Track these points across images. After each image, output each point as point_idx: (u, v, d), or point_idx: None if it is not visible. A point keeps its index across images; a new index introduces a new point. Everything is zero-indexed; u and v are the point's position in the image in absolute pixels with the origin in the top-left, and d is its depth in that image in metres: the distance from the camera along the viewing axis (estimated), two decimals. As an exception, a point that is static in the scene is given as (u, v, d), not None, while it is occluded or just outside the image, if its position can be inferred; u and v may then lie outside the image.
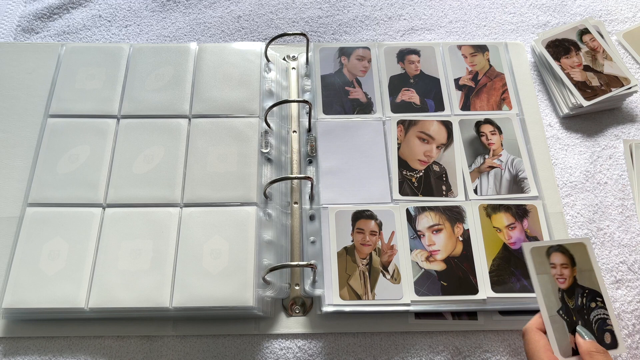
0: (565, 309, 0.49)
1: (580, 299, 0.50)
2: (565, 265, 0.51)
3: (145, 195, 0.61)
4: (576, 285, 0.50)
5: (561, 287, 0.50)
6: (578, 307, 0.49)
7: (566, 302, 0.50)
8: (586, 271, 0.51)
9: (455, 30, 0.80)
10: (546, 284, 0.50)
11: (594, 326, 0.49)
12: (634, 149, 0.69)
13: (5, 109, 0.68)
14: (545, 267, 0.50)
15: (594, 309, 0.49)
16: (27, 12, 0.80)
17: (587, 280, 0.50)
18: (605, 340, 0.49)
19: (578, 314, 0.49)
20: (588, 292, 0.50)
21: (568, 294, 0.50)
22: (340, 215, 0.62)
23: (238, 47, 0.71)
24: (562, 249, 0.51)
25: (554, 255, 0.51)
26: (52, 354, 0.57)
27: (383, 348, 0.57)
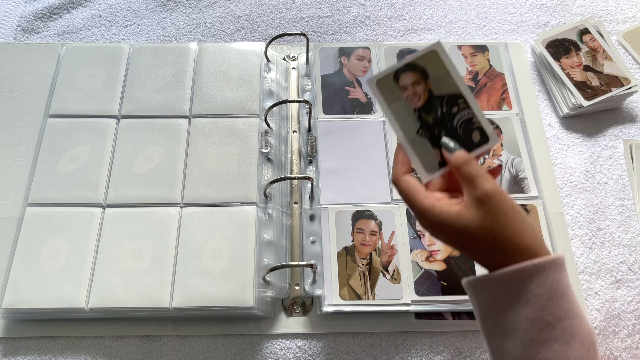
0: (425, 126, 0.46)
1: (439, 110, 0.46)
2: (417, 82, 0.46)
3: (145, 195, 0.61)
4: (432, 98, 0.46)
5: (416, 106, 0.46)
6: (438, 118, 0.46)
7: (424, 119, 0.46)
8: (442, 78, 0.46)
9: (455, 30, 0.80)
10: (400, 110, 0.46)
11: (460, 130, 0.45)
12: (634, 149, 0.69)
13: (5, 109, 0.68)
14: (396, 94, 0.46)
15: (457, 113, 0.45)
16: (27, 12, 0.80)
17: (445, 87, 0.46)
18: (474, 139, 0.45)
19: (440, 125, 0.45)
20: (447, 98, 0.46)
21: (425, 110, 0.46)
22: (340, 215, 0.62)
23: (238, 47, 0.71)
24: (410, 66, 0.46)
25: (402, 77, 0.46)
26: (52, 354, 0.57)
27: (383, 348, 0.57)
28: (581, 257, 0.62)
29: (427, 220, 0.42)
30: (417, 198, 0.42)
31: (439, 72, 0.46)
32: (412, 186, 0.43)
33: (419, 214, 0.42)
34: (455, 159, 0.42)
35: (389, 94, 0.46)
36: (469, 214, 0.40)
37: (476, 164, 0.41)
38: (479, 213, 0.40)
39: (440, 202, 0.42)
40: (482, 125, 0.45)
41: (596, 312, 0.59)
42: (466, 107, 0.45)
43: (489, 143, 0.44)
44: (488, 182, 0.40)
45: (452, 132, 0.45)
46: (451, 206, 0.41)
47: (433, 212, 0.41)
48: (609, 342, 0.58)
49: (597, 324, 0.59)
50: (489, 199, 0.39)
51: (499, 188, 0.40)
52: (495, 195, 0.39)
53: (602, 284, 0.61)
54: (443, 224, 0.41)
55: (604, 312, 0.59)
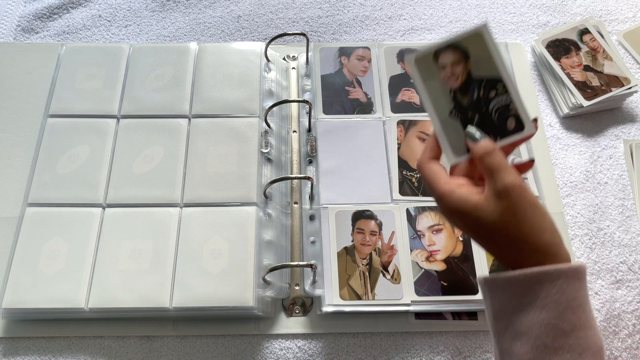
0: (459, 108, 0.44)
1: (476, 92, 0.44)
2: (457, 62, 0.45)
3: (145, 195, 0.61)
4: (471, 80, 0.44)
5: (453, 86, 0.44)
6: (474, 101, 0.44)
7: (459, 101, 0.44)
8: (484, 60, 0.44)
9: (455, 30, 0.80)
10: (435, 89, 0.45)
11: (494, 115, 0.44)
12: (634, 149, 0.69)
13: (5, 109, 0.68)
14: (433, 72, 0.45)
15: (495, 98, 0.44)
16: (27, 12, 0.80)
17: (486, 69, 0.44)
18: (509, 126, 0.43)
19: (475, 108, 0.44)
20: (486, 82, 0.44)
21: (462, 92, 0.44)
22: (340, 215, 0.62)
23: (238, 47, 0.71)
24: (453, 45, 0.44)
25: (443, 56, 0.45)
26: (52, 354, 0.57)
27: (383, 348, 0.57)
28: (581, 257, 0.62)
29: (444, 204, 0.41)
30: (438, 182, 0.42)
31: (481, 55, 0.44)
32: (435, 171, 0.42)
33: (437, 198, 0.42)
34: (478, 148, 0.41)
35: (426, 72, 0.45)
36: (487, 206, 0.39)
37: (500, 156, 0.40)
38: (497, 207, 0.39)
39: (460, 189, 0.41)
40: (519, 113, 0.43)
41: (596, 312, 0.59)
42: (504, 93, 0.44)
43: (524, 132, 0.43)
44: (509, 175, 0.39)
45: (486, 117, 0.44)
46: (471, 194, 0.40)
47: (451, 198, 0.40)
48: (609, 342, 0.58)
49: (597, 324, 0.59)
50: (509, 194, 0.38)
51: (521, 183, 0.39)
52: (515, 190, 0.38)
53: (602, 284, 0.61)
54: (460, 211, 0.40)
55: (604, 312, 0.59)
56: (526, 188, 0.39)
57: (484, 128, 0.44)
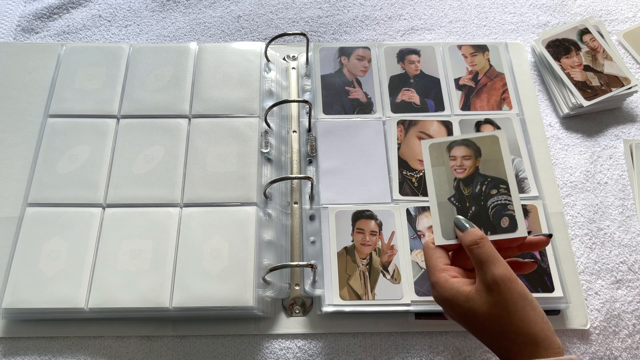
0: (459, 196, 0.47)
1: (479, 187, 0.47)
2: (468, 157, 0.48)
3: (145, 195, 0.61)
4: (477, 174, 0.47)
5: (458, 176, 0.47)
6: (475, 194, 0.47)
7: (461, 189, 0.47)
8: (493, 161, 0.47)
9: (455, 30, 0.80)
10: (441, 174, 0.47)
11: (491, 212, 0.46)
12: (634, 149, 0.69)
13: (5, 109, 0.68)
14: (442, 160, 0.48)
15: (494, 195, 0.46)
16: (27, 12, 0.80)
17: (493, 170, 0.47)
18: (502, 224, 0.45)
19: (473, 200, 0.46)
20: (490, 179, 0.47)
21: (465, 183, 0.47)
22: (340, 215, 0.62)
23: (238, 47, 0.71)
24: (468, 142, 0.48)
25: (456, 149, 0.48)
26: (52, 354, 0.57)
27: (383, 348, 0.57)
28: (581, 257, 0.62)
29: (438, 292, 0.42)
30: (435, 269, 0.43)
31: (493, 155, 0.48)
32: (436, 256, 0.44)
33: (432, 285, 0.43)
34: (467, 237, 0.42)
35: (436, 158, 0.48)
36: (478, 298, 0.40)
37: (489, 246, 0.41)
38: (488, 300, 0.39)
39: (453, 279, 0.42)
40: (514, 214, 0.46)
41: (596, 312, 0.59)
42: (505, 194, 0.46)
43: (515, 233, 0.45)
44: (499, 268, 0.40)
45: (482, 210, 0.46)
46: (463, 285, 0.41)
47: (444, 287, 0.41)
48: (609, 342, 0.58)
49: (597, 324, 0.59)
50: (498, 287, 0.39)
51: (510, 275, 0.40)
52: (505, 284, 0.39)
53: (602, 284, 0.61)
54: (452, 301, 0.41)
55: (604, 312, 0.59)
56: (516, 280, 0.40)
57: (479, 220, 0.46)
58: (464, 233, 0.43)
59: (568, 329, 0.58)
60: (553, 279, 0.58)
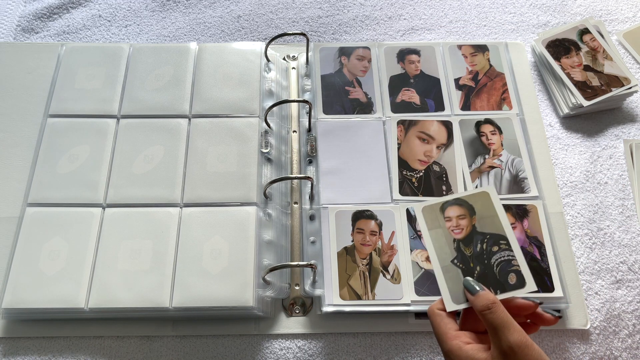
0: (461, 258, 0.46)
1: (479, 245, 0.47)
2: (463, 217, 0.48)
3: (145, 195, 0.61)
4: (475, 232, 0.47)
5: (457, 237, 0.47)
6: (477, 253, 0.46)
7: (462, 250, 0.47)
8: (488, 217, 0.47)
9: (455, 30, 0.80)
10: (439, 237, 0.47)
11: (496, 269, 0.46)
12: (634, 149, 0.69)
13: (5, 109, 0.68)
14: (438, 222, 0.48)
15: (497, 252, 0.46)
16: (27, 12, 0.80)
17: (490, 226, 0.47)
18: (510, 280, 0.45)
19: (476, 260, 0.46)
20: (490, 236, 0.47)
21: (465, 243, 0.47)
22: (340, 215, 0.62)
23: (238, 47, 0.71)
24: (459, 201, 0.48)
25: (449, 209, 0.48)
26: (52, 354, 0.57)
27: (383, 348, 0.57)
28: (581, 257, 0.62)
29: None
30: (446, 336, 0.42)
31: (487, 212, 0.48)
32: (444, 323, 0.43)
33: (445, 353, 0.42)
34: (479, 301, 0.42)
35: (432, 221, 0.48)
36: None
37: (502, 311, 0.40)
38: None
39: (467, 346, 0.41)
40: (520, 269, 0.45)
41: (596, 312, 0.59)
42: (507, 249, 0.46)
43: (524, 288, 0.44)
44: (514, 334, 0.39)
45: (488, 269, 0.46)
46: (478, 352, 0.40)
47: (459, 355, 0.41)
48: (609, 342, 0.58)
49: (597, 324, 0.59)
50: (515, 354, 0.38)
51: (526, 341, 0.39)
52: (522, 350, 0.38)
53: (602, 284, 0.61)
54: None
55: (604, 312, 0.59)
56: (532, 346, 0.39)
57: (486, 280, 0.45)
58: (475, 297, 0.42)
59: (568, 329, 0.58)
60: (553, 279, 0.58)
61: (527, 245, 0.60)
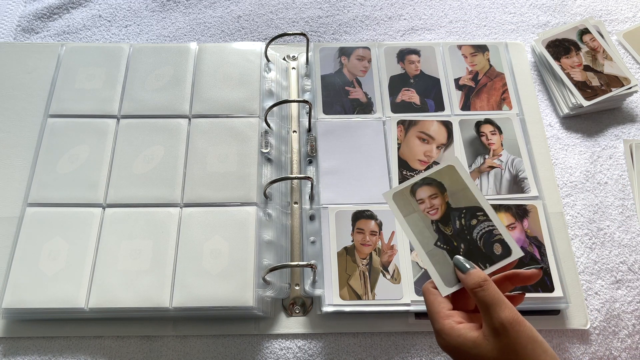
0: (444, 239, 0.46)
1: (457, 222, 0.46)
2: (435, 195, 0.47)
3: (145, 195, 0.61)
4: (450, 210, 0.46)
5: (433, 218, 0.46)
6: (457, 230, 0.46)
7: (443, 230, 0.46)
8: (460, 191, 0.46)
9: (455, 30, 0.80)
10: (416, 222, 0.46)
11: (480, 242, 0.45)
12: (634, 149, 0.69)
13: (5, 109, 0.68)
14: (412, 207, 0.47)
15: (476, 225, 0.46)
16: (27, 12, 0.80)
17: (463, 200, 0.46)
18: (496, 251, 0.45)
19: (458, 237, 0.45)
20: (466, 211, 0.46)
21: (443, 222, 0.46)
22: (340, 215, 0.62)
23: (238, 47, 0.71)
24: (428, 180, 0.47)
25: (419, 191, 0.47)
26: (52, 354, 0.57)
27: (383, 348, 0.57)
28: (581, 257, 0.62)
29: (443, 341, 0.41)
30: (438, 316, 0.42)
31: (457, 186, 0.47)
32: (438, 302, 0.42)
33: (437, 332, 0.42)
34: (469, 280, 0.41)
35: (405, 207, 0.47)
36: (485, 343, 0.39)
37: (493, 288, 0.40)
38: (496, 344, 0.38)
39: (459, 325, 0.41)
40: (503, 237, 0.45)
41: (596, 312, 0.59)
42: (486, 220, 0.46)
43: (511, 256, 0.44)
44: (505, 310, 0.39)
45: (472, 244, 0.45)
46: (470, 331, 0.40)
47: (451, 334, 0.40)
48: (608, 342, 0.58)
49: (597, 324, 0.59)
50: (506, 331, 0.38)
51: (518, 317, 0.39)
52: (513, 327, 0.38)
53: (602, 284, 0.61)
54: (459, 348, 0.40)
55: (604, 312, 0.59)
56: (523, 322, 0.39)
57: (472, 255, 0.45)
58: (467, 275, 0.42)
59: (568, 329, 0.58)
60: (553, 279, 0.58)
61: (527, 245, 0.60)
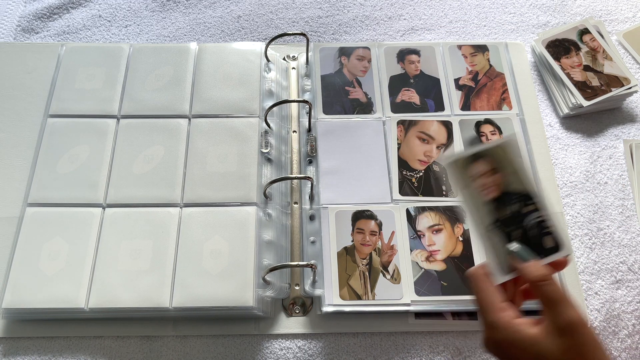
0: (499, 221, 0.43)
1: (510, 207, 0.43)
2: (492, 172, 0.43)
3: (145, 195, 0.61)
4: (506, 192, 0.43)
5: (487, 197, 0.43)
6: (510, 215, 0.43)
7: (497, 212, 0.43)
8: (512, 174, 0.43)
9: (455, 30, 0.80)
10: (473, 198, 0.43)
11: (530, 233, 0.42)
12: (634, 149, 0.69)
13: (5, 109, 0.68)
14: (467, 181, 0.43)
15: (528, 214, 0.42)
16: (27, 12, 0.80)
17: (516, 184, 0.43)
18: (546, 244, 0.42)
19: (514, 223, 0.43)
20: (517, 197, 0.43)
21: (499, 204, 0.43)
22: (340, 215, 0.62)
23: (238, 47, 0.71)
24: (485, 152, 0.43)
25: (474, 166, 0.43)
26: (52, 354, 0.57)
27: (383, 348, 0.57)
28: (581, 257, 0.62)
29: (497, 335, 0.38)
30: (493, 306, 0.39)
31: (510, 168, 0.43)
32: (491, 291, 0.40)
33: (489, 325, 0.39)
34: (532, 271, 0.39)
35: (462, 179, 0.43)
36: (548, 341, 0.37)
37: (558, 285, 0.38)
38: (560, 344, 0.36)
39: (516, 321, 0.38)
40: (554, 231, 0.42)
41: (596, 312, 0.59)
42: (537, 209, 0.42)
43: (561, 252, 0.41)
44: (572, 310, 0.37)
45: (524, 233, 0.42)
46: (529, 327, 0.37)
47: (507, 329, 0.38)
48: (608, 342, 0.58)
49: (597, 324, 0.59)
50: (574, 331, 0.36)
51: (584, 319, 0.37)
52: (581, 328, 0.36)
53: (602, 284, 0.61)
54: (515, 345, 0.37)
55: (604, 312, 0.59)
56: (588, 324, 0.37)
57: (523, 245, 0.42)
58: (529, 265, 0.39)
59: (568, 329, 0.58)
60: (553, 279, 0.58)
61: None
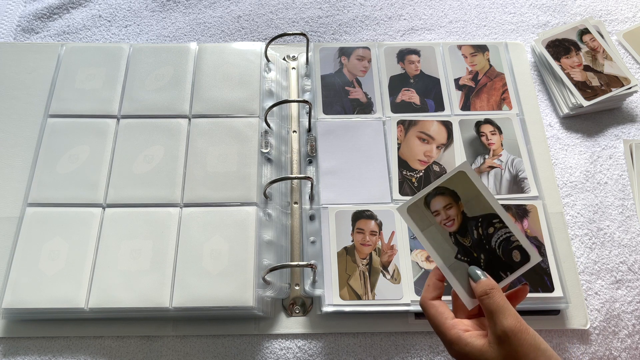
0: (463, 251, 0.45)
1: (475, 232, 0.45)
2: (449, 206, 0.45)
3: (145, 195, 0.61)
4: (467, 220, 0.45)
5: (451, 230, 0.45)
6: (475, 240, 0.45)
7: (461, 242, 0.45)
8: (473, 198, 0.45)
9: (455, 30, 0.80)
10: (435, 235, 0.45)
11: (499, 251, 0.44)
12: (634, 149, 0.69)
13: (5, 109, 0.68)
14: (428, 220, 0.45)
15: (494, 233, 0.45)
16: (27, 12, 0.80)
17: (478, 208, 0.45)
18: (515, 258, 0.44)
19: (478, 248, 0.45)
20: (482, 219, 0.45)
21: (461, 234, 0.45)
22: (340, 215, 0.62)
23: (238, 47, 0.71)
24: (441, 190, 0.45)
25: (433, 202, 0.45)
26: (52, 354, 0.57)
27: (383, 348, 0.57)
28: (581, 257, 0.62)
29: (453, 351, 0.42)
30: (444, 327, 0.42)
31: (470, 193, 0.45)
32: (440, 312, 0.43)
33: (447, 344, 0.42)
34: (478, 288, 0.42)
35: (421, 221, 0.45)
36: (491, 351, 0.39)
37: (498, 297, 0.41)
38: (500, 352, 0.39)
39: (465, 334, 0.41)
40: (521, 244, 0.44)
41: (596, 312, 0.59)
42: (502, 227, 0.45)
43: (530, 262, 0.44)
44: (508, 318, 0.39)
45: (492, 253, 0.45)
46: (477, 339, 0.41)
47: (459, 343, 0.41)
48: (608, 342, 0.58)
49: (597, 324, 0.59)
50: (509, 339, 0.39)
51: (520, 325, 0.39)
52: (516, 335, 0.39)
53: (602, 284, 0.61)
54: (468, 356, 0.41)
55: (604, 312, 0.59)
56: (527, 330, 0.39)
57: (493, 265, 0.44)
58: (477, 284, 0.43)
59: (568, 329, 0.58)
60: (553, 279, 0.58)
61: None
